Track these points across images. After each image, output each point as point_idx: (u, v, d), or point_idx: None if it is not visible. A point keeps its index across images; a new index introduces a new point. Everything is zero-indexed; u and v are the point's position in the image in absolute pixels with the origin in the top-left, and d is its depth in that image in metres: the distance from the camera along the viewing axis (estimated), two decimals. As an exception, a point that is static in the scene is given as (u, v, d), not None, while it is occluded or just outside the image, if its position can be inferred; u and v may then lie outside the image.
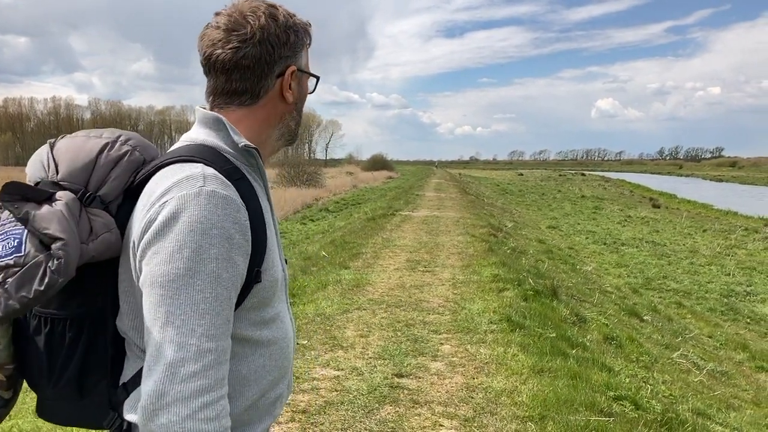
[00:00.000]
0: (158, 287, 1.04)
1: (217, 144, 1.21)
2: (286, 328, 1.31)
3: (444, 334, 5.22)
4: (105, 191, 1.22)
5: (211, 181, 1.09)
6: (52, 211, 1.14)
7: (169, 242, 1.05)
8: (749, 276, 13.31)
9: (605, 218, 24.82)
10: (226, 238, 1.06)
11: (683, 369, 6.25)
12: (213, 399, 1.04)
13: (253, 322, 1.20)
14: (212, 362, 1.04)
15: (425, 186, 33.66)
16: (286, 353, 1.30)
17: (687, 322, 9.38)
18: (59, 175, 1.23)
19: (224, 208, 1.07)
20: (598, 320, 6.73)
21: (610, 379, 4.39)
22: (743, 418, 5.07)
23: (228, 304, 1.08)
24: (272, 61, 1.23)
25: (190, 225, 1.05)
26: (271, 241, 1.21)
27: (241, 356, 1.19)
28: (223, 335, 1.07)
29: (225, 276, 1.06)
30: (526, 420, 3.53)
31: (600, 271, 12.93)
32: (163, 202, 1.08)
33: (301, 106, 1.34)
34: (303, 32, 1.28)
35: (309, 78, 1.35)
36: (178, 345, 1.02)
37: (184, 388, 1.01)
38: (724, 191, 52.82)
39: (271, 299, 1.23)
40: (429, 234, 11.87)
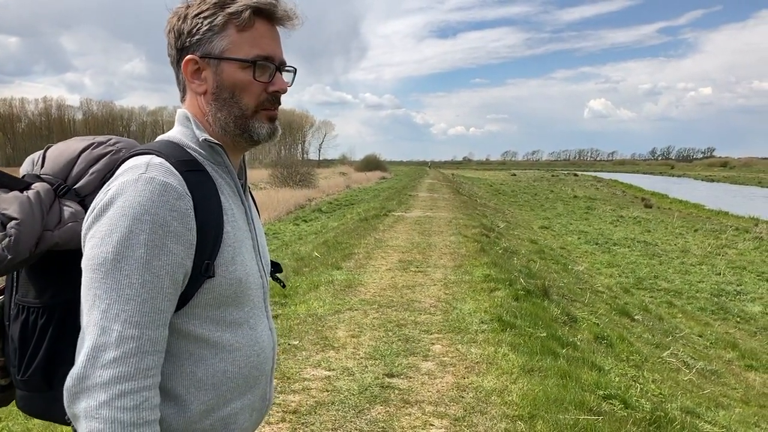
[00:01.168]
0: (90, 270, 1.05)
1: (180, 139, 1.22)
2: (256, 337, 1.26)
3: (435, 334, 5.23)
4: (81, 184, 1.27)
5: (152, 169, 1.09)
6: (17, 195, 1.20)
7: (102, 226, 1.05)
8: (739, 275, 13.40)
9: (597, 218, 24.92)
10: (159, 225, 1.04)
11: (673, 368, 6.29)
12: (132, 388, 1.01)
13: (210, 321, 1.16)
14: (134, 350, 1.02)
15: (418, 186, 33.69)
16: (255, 363, 1.25)
17: (677, 322, 9.43)
18: (43, 170, 1.30)
19: (161, 194, 1.06)
20: (588, 320, 6.76)
21: (599, 378, 4.42)
22: (732, 417, 5.11)
23: (160, 293, 1.05)
24: (175, 54, 1.23)
25: (123, 210, 1.04)
26: (231, 238, 1.18)
27: (197, 357, 1.16)
28: (151, 324, 1.04)
29: (156, 263, 1.04)
30: (515, 419, 3.55)
31: (592, 270, 12.98)
32: (107, 189, 1.09)
33: (227, 96, 1.20)
34: (215, 16, 1.18)
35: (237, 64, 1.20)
36: (102, 329, 1.02)
37: (103, 373, 1.00)
38: (716, 191, 53.11)
39: (235, 300, 1.19)
40: (421, 234, 11.89)
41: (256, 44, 1.20)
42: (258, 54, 1.20)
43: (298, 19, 1.24)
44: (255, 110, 1.22)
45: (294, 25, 1.25)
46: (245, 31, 1.19)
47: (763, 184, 65.25)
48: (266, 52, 1.21)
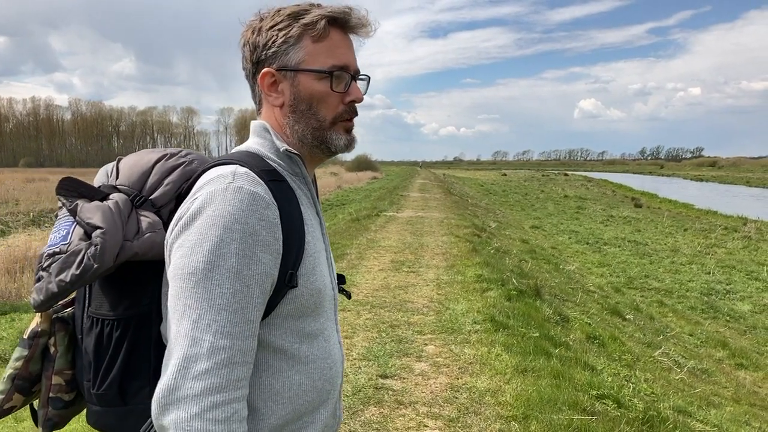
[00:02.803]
0: (179, 279, 1.04)
1: (259, 149, 1.22)
2: (330, 349, 1.24)
3: (428, 334, 5.23)
4: (157, 195, 1.27)
5: (240, 179, 1.08)
6: (99, 205, 1.21)
7: (192, 235, 1.04)
8: (729, 274, 13.49)
9: (588, 218, 25.02)
10: (249, 234, 1.04)
11: (665, 367, 6.32)
12: (224, 400, 1.00)
13: (290, 333, 1.15)
14: (225, 361, 1.01)
15: (410, 186, 33.70)
16: (329, 376, 1.23)
17: (668, 321, 9.48)
18: (118, 180, 1.31)
19: (250, 203, 1.05)
20: (580, 319, 6.78)
21: (592, 378, 4.43)
22: (723, 415, 5.13)
23: (249, 302, 1.04)
24: (251, 68, 1.23)
25: (213, 219, 1.03)
26: (313, 249, 1.17)
27: (275, 369, 1.14)
28: (241, 335, 1.03)
29: (246, 273, 1.03)
30: (509, 420, 3.55)
31: (583, 270, 13.03)
32: (193, 198, 1.09)
33: (304, 108, 1.20)
34: (290, 28, 1.18)
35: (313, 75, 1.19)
36: (193, 339, 1.00)
37: (195, 385, 0.99)
38: (705, 191, 53.46)
39: (314, 311, 1.19)
40: (413, 235, 11.89)
41: (332, 54, 1.19)
42: (334, 64, 1.19)
43: (371, 26, 1.23)
44: (332, 122, 1.22)
45: (368, 33, 1.24)
46: (321, 42, 1.18)
47: (751, 183, 65.76)
48: (342, 61, 1.20)
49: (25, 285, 12.03)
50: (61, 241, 1.20)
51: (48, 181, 39.72)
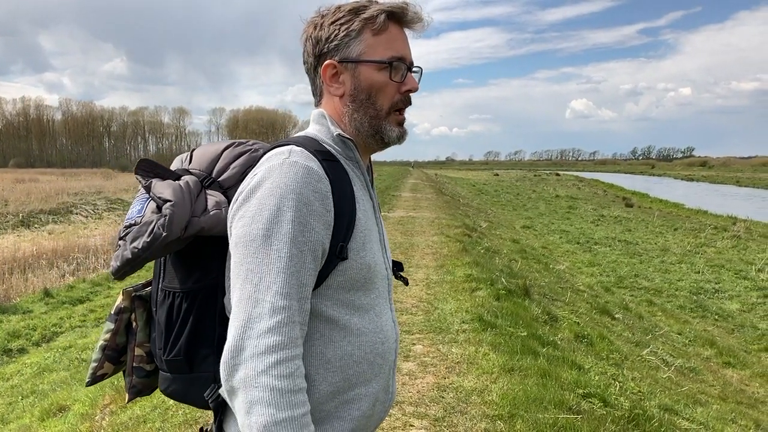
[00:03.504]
0: (242, 246, 1.12)
1: (316, 134, 1.30)
2: (382, 324, 1.30)
3: (417, 334, 5.23)
4: (224, 177, 1.38)
5: (295, 155, 1.17)
6: (170, 183, 1.32)
7: (252, 206, 1.13)
8: (718, 274, 13.57)
9: (579, 218, 25.10)
10: (304, 203, 1.11)
11: (652, 366, 6.34)
12: (287, 356, 1.06)
13: (341, 303, 1.21)
14: (286, 320, 1.07)
15: (401, 186, 33.70)
16: (381, 351, 1.28)
17: (657, 320, 9.53)
18: (190, 165, 1.43)
19: (304, 176, 1.13)
20: (569, 319, 6.80)
21: (579, 377, 4.44)
22: (709, 413, 5.16)
23: (302, 266, 1.11)
24: (313, 61, 1.31)
25: (271, 190, 1.12)
26: (363, 225, 1.23)
27: (328, 338, 1.20)
28: (297, 295, 1.10)
29: (301, 239, 1.10)
30: (495, 419, 3.56)
31: (573, 270, 13.07)
32: (254, 174, 1.18)
33: (363, 97, 1.27)
34: (351, 22, 1.26)
35: (374, 66, 1.27)
36: (255, 300, 1.08)
37: (259, 343, 1.05)
38: (695, 190, 53.76)
39: (365, 285, 1.24)
40: (404, 234, 11.89)
41: (391, 46, 1.27)
42: (393, 55, 1.27)
43: (425, 21, 1.31)
44: (388, 111, 1.29)
45: (423, 27, 1.31)
46: (380, 35, 1.27)
47: (741, 183, 66.19)
48: (399, 53, 1.28)
49: (13, 286, 11.95)
50: (137, 213, 1.32)
51: (38, 181, 39.45)
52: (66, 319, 9.56)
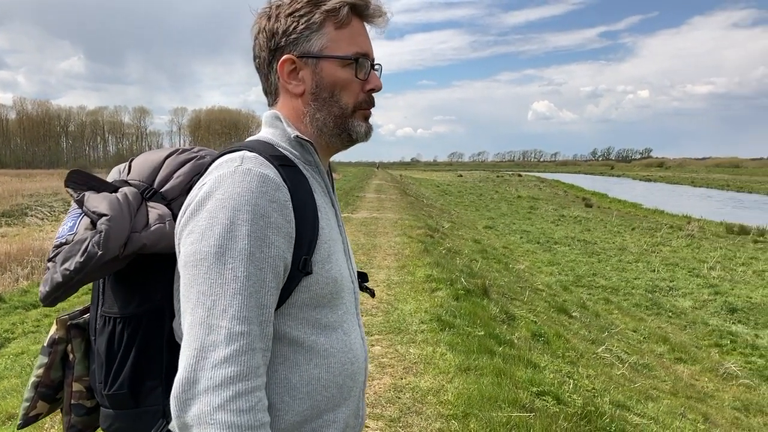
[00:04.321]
0: (191, 267, 1.01)
1: (270, 138, 1.19)
2: (350, 343, 1.19)
3: (376, 335, 5.25)
4: (167, 188, 1.27)
5: (248, 161, 1.06)
6: (106, 195, 1.21)
7: (201, 221, 1.02)
8: (672, 272, 13.94)
9: (540, 218, 25.50)
10: (260, 216, 1.01)
11: (607, 363, 6.49)
12: (246, 389, 0.96)
13: (306, 322, 1.10)
14: (245, 347, 0.97)
15: (366, 187, 33.72)
16: (350, 372, 1.18)
17: (614, 318, 9.74)
18: (129, 176, 1.32)
19: (260, 185, 1.02)
20: (527, 318, 6.91)
21: (534, 376, 4.52)
22: (660, 408, 5.31)
23: (262, 285, 1.00)
24: (267, 56, 1.19)
25: (222, 202, 1.01)
26: (327, 236, 1.14)
27: (292, 362, 1.09)
28: (257, 319, 0.99)
29: (259, 255, 1.00)
30: (450, 418, 3.60)
31: (533, 269, 13.28)
32: (202, 184, 1.07)
33: (326, 95, 1.18)
34: (311, 14, 1.15)
35: (337, 62, 1.17)
36: (209, 327, 0.97)
37: (215, 374, 0.94)
38: (652, 191, 55.17)
39: (331, 301, 1.14)
40: (367, 236, 11.90)
41: (354, 41, 1.18)
42: (357, 51, 1.18)
43: (387, 16, 1.22)
44: (353, 109, 1.20)
45: (385, 23, 1.22)
46: (343, 29, 1.17)
47: (696, 183, 68.18)
48: (364, 49, 1.20)
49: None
50: (69, 231, 1.20)
51: (-10, 183, 38.26)
52: (19, 325, 9.28)
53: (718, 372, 7.48)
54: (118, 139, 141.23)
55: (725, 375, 7.39)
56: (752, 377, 7.50)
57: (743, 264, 14.86)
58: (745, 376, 7.42)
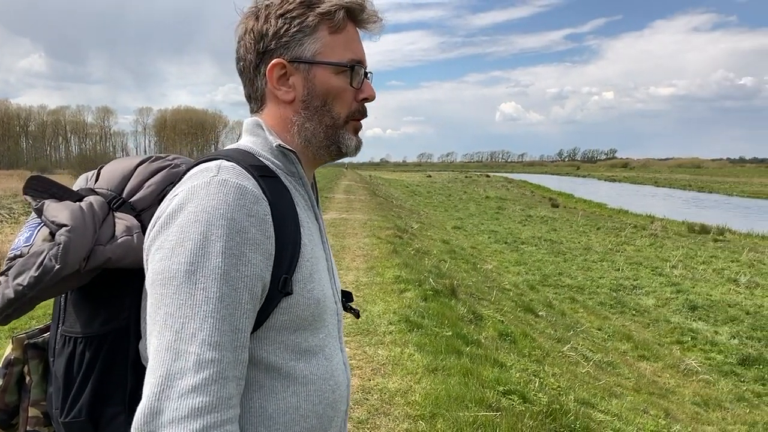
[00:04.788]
0: (158, 286, 0.92)
1: (251, 147, 1.11)
2: (332, 369, 1.10)
3: (344, 337, 5.24)
4: (138, 198, 1.19)
5: (224, 172, 0.98)
6: (68, 204, 1.11)
7: (172, 235, 0.93)
8: (636, 271, 14.23)
9: (507, 218, 25.77)
10: (236, 231, 0.92)
11: (572, 361, 6.60)
12: (216, 421, 0.87)
13: (285, 347, 1.02)
14: (215, 375, 0.88)
15: (335, 188, 33.64)
16: (331, 400, 1.09)
17: (579, 316, 9.91)
18: (97, 184, 1.23)
19: (237, 197, 0.94)
20: (494, 317, 6.98)
21: (500, 375, 4.58)
22: (623, 405, 5.42)
23: (237, 307, 0.92)
24: (253, 59, 1.11)
25: (195, 215, 0.93)
26: (310, 253, 1.05)
27: (268, 390, 1.01)
28: (230, 345, 0.91)
29: (234, 274, 0.91)
30: (417, 419, 3.62)
31: (500, 269, 13.42)
32: (173, 195, 0.99)
33: (318, 104, 1.11)
34: (305, 16, 1.08)
35: (332, 68, 1.11)
36: (176, 353, 0.88)
37: (181, 405, 0.85)
38: (617, 191, 56.23)
39: (312, 325, 1.05)
40: (335, 237, 11.88)
41: (349, 47, 1.12)
42: (352, 58, 1.12)
43: (381, 23, 1.16)
44: (345, 120, 1.13)
45: (379, 28, 1.16)
46: (338, 34, 1.11)
47: (659, 183, 69.76)
48: (359, 56, 1.13)
49: None
50: (24, 243, 1.11)
51: (-53, 184, 37.09)
52: (-24, 331, 9.04)
53: (679, 368, 7.68)
54: (81, 140, 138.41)
55: (686, 371, 7.59)
56: (711, 373, 7.72)
57: (704, 262, 15.26)
58: (704, 372, 7.62)
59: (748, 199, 44.95)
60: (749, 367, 7.95)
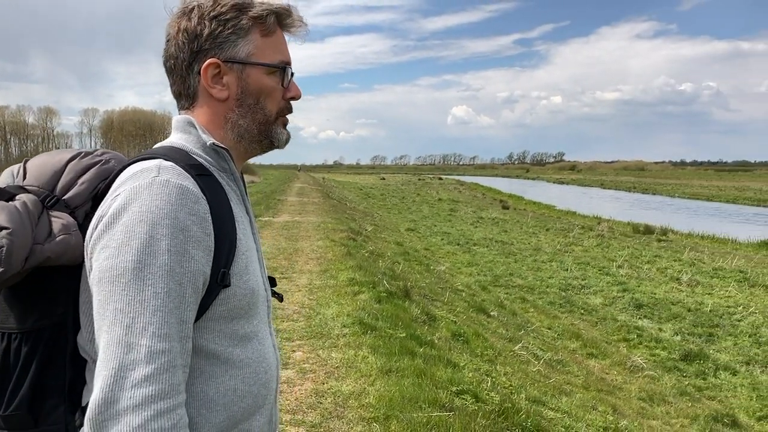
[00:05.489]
0: (106, 283, 0.97)
1: (184, 144, 1.16)
2: (265, 352, 1.19)
3: (297, 341, 5.20)
4: (71, 195, 1.19)
5: (165, 172, 1.03)
6: (3, 205, 1.11)
7: (117, 234, 0.98)
8: (584, 270, 14.58)
9: (459, 220, 26.05)
10: (180, 229, 0.99)
11: (524, 360, 6.70)
12: (169, 407, 0.94)
13: (223, 335, 1.09)
14: (166, 365, 0.95)
15: (288, 191, 33.36)
16: (264, 381, 1.18)
17: (530, 316, 10.08)
18: (26, 181, 1.22)
19: (179, 197, 1.00)
20: (447, 318, 7.04)
21: (453, 375, 4.61)
22: (573, 402, 5.53)
23: (182, 301, 0.99)
24: (186, 57, 1.16)
25: (140, 215, 0.98)
26: (244, 246, 1.13)
27: (209, 375, 1.08)
28: (178, 336, 0.98)
29: (179, 270, 0.98)
30: (371, 421, 3.62)
31: (453, 270, 13.55)
32: (115, 195, 1.03)
33: (252, 102, 1.18)
34: (238, 19, 1.14)
35: (264, 69, 1.18)
36: (127, 346, 0.94)
37: (135, 393, 0.92)
38: (565, 193, 57.62)
39: (247, 313, 1.14)
40: (288, 240, 11.77)
41: (279, 50, 1.20)
42: (282, 59, 1.20)
43: (306, 28, 1.24)
44: (276, 116, 1.22)
45: (303, 33, 1.24)
46: (269, 36, 1.18)
47: (605, 185, 71.79)
48: (287, 58, 1.22)
49: None
50: None
51: None
52: None
53: (626, 365, 7.89)
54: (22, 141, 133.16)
55: (632, 368, 7.81)
56: (656, 369, 7.97)
57: (648, 262, 15.75)
58: (649, 368, 7.86)
59: (689, 200, 46.75)
60: (691, 363, 8.23)
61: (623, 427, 5.13)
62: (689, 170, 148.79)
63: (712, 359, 8.34)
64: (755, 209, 38.58)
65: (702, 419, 6.24)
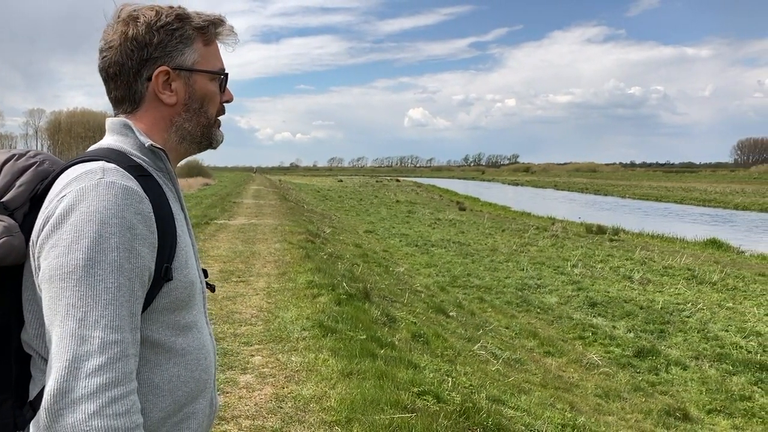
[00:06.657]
0: (57, 280, 1.02)
1: (121, 146, 1.22)
2: (203, 339, 1.28)
3: (255, 345, 5.11)
4: (9, 198, 1.21)
5: (110, 174, 1.09)
6: None
7: (66, 234, 1.03)
8: (539, 270, 14.82)
9: (417, 221, 26.17)
10: (127, 228, 1.05)
11: (483, 359, 6.76)
12: (122, 393, 1.00)
13: (166, 326, 1.17)
14: (119, 354, 1.01)
15: (243, 193, 32.94)
16: (204, 366, 1.27)
17: (488, 316, 10.18)
18: None
19: (124, 198, 1.07)
20: (407, 319, 7.04)
21: (415, 376, 4.61)
22: (532, 400, 5.60)
23: (131, 295, 1.05)
24: (135, 65, 1.22)
25: (88, 215, 1.03)
26: (183, 241, 1.21)
27: (153, 363, 1.15)
28: (128, 328, 1.04)
29: (127, 266, 1.04)
30: (333, 424, 3.57)
31: (412, 271, 13.59)
32: (61, 196, 1.08)
33: (197, 106, 1.28)
34: (183, 29, 1.24)
35: (207, 76, 1.29)
36: (81, 338, 0.99)
37: (90, 383, 0.97)
38: (520, 194, 58.57)
39: (187, 304, 1.22)
40: (245, 243, 11.61)
41: (218, 57, 1.32)
42: (221, 67, 1.32)
43: (237, 36, 1.34)
44: (214, 119, 1.33)
45: (235, 42, 1.34)
46: (210, 46, 1.29)
47: (559, 187, 73.25)
48: (223, 65, 1.33)
49: None
50: None
51: None
52: None
53: (582, 363, 8.04)
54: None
55: (588, 365, 7.96)
56: (611, 365, 8.14)
57: (601, 261, 16.11)
58: (604, 365, 8.03)
59: (639, 201, 48.10)
60: (644, 359, 8.44)
61: (581, 423, 5.21)
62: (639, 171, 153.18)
63: (664, 355, 8.56)
64: (701, 209, 39.96)
65: (655, 413, 6.40)
